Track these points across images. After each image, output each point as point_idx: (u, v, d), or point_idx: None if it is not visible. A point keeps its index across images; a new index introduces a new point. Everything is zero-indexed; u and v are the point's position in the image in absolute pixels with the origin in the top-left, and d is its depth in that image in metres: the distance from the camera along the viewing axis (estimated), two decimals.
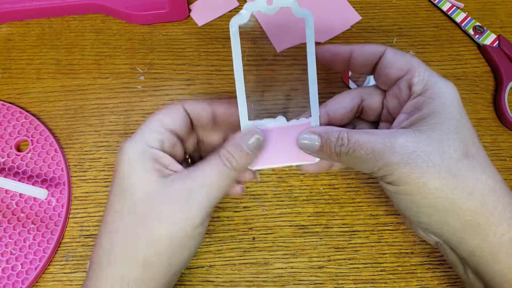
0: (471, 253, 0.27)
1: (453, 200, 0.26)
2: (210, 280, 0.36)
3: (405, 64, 0.29)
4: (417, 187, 0.26)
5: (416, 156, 0.25)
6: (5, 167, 0.38)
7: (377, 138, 0.26)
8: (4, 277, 0.34)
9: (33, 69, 0.43)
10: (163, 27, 0.45)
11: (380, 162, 0.26)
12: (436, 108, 0.27)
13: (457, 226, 0.26)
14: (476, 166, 0.26)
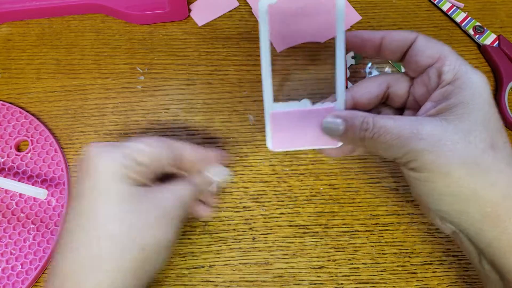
0: (489, 244, 0.27)
1: (475, 190, 0.26)
2: (210, 280, 0.36)
3: (436, 52, 0.28)
4: (440, 175, 0.26)
5: (442, 144, 0.25)
6: (5, 167, 0.38)
7: (403, 124, 0.26)
8: (4, 277, 0.34)
9: (33, 69, 0.43)
10: (163, 27, 0.45)
11: (405, 148, 0.26)
12: (465, 98, 0.26)
13: (477, 217, 0.26)
14: (501, 159, 0.26)
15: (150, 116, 0.41)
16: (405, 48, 0.30)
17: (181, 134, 0.40)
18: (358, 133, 0.27)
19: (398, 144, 0.26)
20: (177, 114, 0.41)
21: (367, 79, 0.31)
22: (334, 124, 0.28)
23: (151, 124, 0.41)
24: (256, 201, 0.38)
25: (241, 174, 0.39)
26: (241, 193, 0.38)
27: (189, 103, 0.41)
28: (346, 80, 0.42)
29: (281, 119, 0.29)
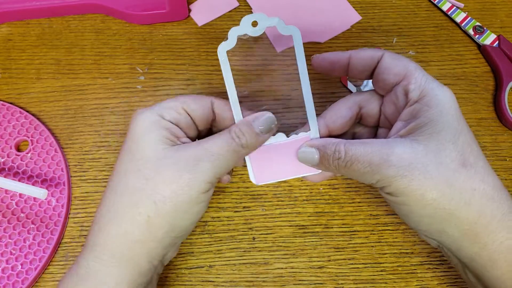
0: (471, 259, 0.27)
1: (450, 210, 0.26)
2: (210, 280, 0.36)
3: (402, 69, 0.28)
4: (414, 199, 0.26)
5: (413, 168, 0.26)
6: (5, 167, 0.38)
7: (373, 150, 0.27)
8: (4, 277, 0.34)
9: (33, 69, 0.43)
10: (163, 27, 0.45)
11: (377, 175, 0.26)
12: (433, 117, 0.27)
13: (456, 235, 0.27)
14: (473, 176, 0.26)
15: None
16: (372, 67, 0.30)
17: None
18: (332, 162, 0.28)
19: (369, 172, 0.27)
20: None
21: (338, 102, 0.32)
22: (309, 153, 0.29)
23: None
24: (256, 201, 0.38)
25: (241, 174, 0.39)
26: (241, 193, 0.38)
27: None
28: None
29: (260, 155, 0.30)
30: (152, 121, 0.28)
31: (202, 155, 0.28)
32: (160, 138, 0.28)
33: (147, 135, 0.28)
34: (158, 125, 0.28)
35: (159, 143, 0.28)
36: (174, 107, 0.29)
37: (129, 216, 0.27)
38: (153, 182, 0.27)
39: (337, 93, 0.42)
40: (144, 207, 0.27)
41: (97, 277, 0.27)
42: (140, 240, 0.27)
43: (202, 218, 0.37)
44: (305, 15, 0.46)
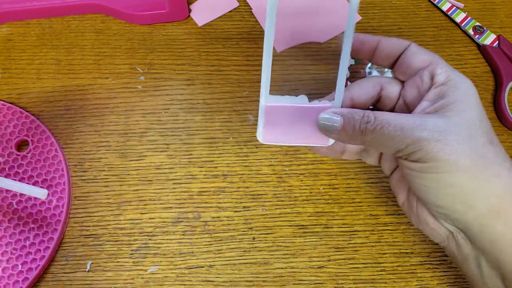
0: (492, 241, 0.26)
1: (482, 180, 0.26)
2: (210, 280, 0.36)
3: (428, 57, 0.29)
4: (447, 164, 0.25)
5: (447, 134, 0.26)
6: (5, 167, 0.38)
7: (405, 118, 0.27)
8: (5, 277, 0.34)
9: (33, 69, 0.43)
10: (163, 27, 0.45)
11: (409, 138, 0.26)
12: (461, 97, 0.27)
13: (482, 210, 0.26)
14: (499, 153, 0.27)
15: (150, 116, 0.41)
16: (399, 53, 0.30)
17: (181, 134, 0.40)
18: (360, 125, 0.27)
19: (401, 135, 0.26)
20: (177, 114, 0.41)
21: (362, 79, 0.31)
22: (331, 120, 0.28)
23: (151, 124, 0.41)
24: (256, 201, 0.38)
25: (241, 174, 0.39)
26: (241, 193, 0.38)
27: (189, 103, 0.41)
28: (346, 81, 0.42)
29: (276, 113, 0.29)
30: None
31: None
32: None
33: None
34: None
35: None
36: None
37: None
38: None
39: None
40: None
41: None
42: None
43: (202, 218, 0.37)
44: (305, 15, 0.46)
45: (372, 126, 0.27)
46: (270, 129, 0.29)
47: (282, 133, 0.29)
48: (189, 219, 0.37)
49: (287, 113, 0.29)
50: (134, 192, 0.38)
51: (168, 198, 0.38)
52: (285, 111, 0.29)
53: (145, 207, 0.38)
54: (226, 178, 0.39)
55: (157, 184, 0.38)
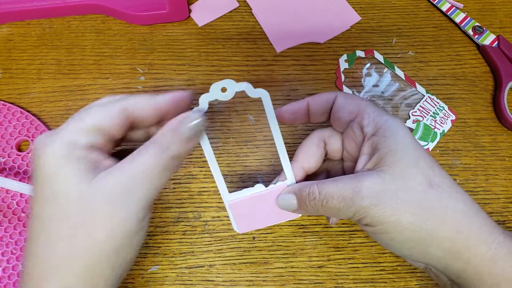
0: (458, 276, 0.27)
1: (428, 231, 0.26)
2: (210, 279, 0.36)
3: (355, 107, 0.30)
4: (391, 225, 0.27)
5: (383, 196, 0.26)
6: (6, 167, 0.38)
7: (344, 185, 0.27)
8: (5, 276, 0.35)
9: (33, 69, 0.43)
10: (163, 27, 0.45)
11: (352, 208, 0.27)
12: (391, 146, 0.28)
13: (439, 254, 0.27)
14: (442, 194, 0.27)
15: None
16: (329, 108, 0.31)
17: None
18: (309, 203, 0.29)
19: (345, 206, 0.27)
20: None
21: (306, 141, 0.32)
22: (287, 200, 0.30)
23: None
24: None
25: (241, 174, 0.39)
26: None
27: None
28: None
29: (241, 206, 0.31)
30: (64, 154, 0.24)
31: (131, 182, 0.24)
32: (78, 172, 0.24)
33: (63, 172, 0.24)
34: (72, 157, 0.24)
35: (79, 179, 0.24)
36: (85, 127, 0.25)
37: (65, 268, 0.24)
38: (84, 228, 0.24)
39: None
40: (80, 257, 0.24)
41: None
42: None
43: (202, 218, 0.38)
44: (305, 15, 0.46)
45: (318, 202, 0.28)
46: (242, 220, 0.32)
47: (255, 221, 0.32)
48: (189, 218, 0.38)
49: (251, 203, 0.31)
50: None
51: (168, 198, 0.38)
52: (248, 202, 0.31)
53: None
54: (226, 178, 0.39)
55: None
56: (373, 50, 0.44)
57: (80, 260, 0.24)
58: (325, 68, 0.43)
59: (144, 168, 0.25)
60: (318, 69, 0.43)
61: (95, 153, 0.25)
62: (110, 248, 0.24)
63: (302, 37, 0.45)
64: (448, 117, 0.42)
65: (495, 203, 0.39)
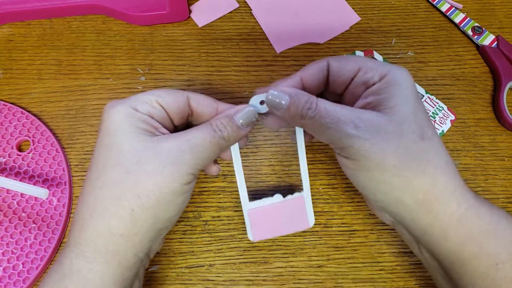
0: (424, 232, 0.28)
1: (407, 178, 0.27)
2: (210, 279, 0.36)
3: (354, 65, 0.30)
4: (375, 163, 0.27)
5: (377, 133, 0.26)
6: (7, 167, 0.38)
7: (343, 111, 0.27)
8: (6, 276, 0.35)
9: (34, 70, 0.43)
10: (163, 28, 0.45)
11: (342, 133, 0.27)
12: (394, 92, 0.28)
13: (411, 205, 0.27)
14: (430, 148, 0.27)
15: None
16: (324, 77, 0.31)
17: None
18: (301, 110, 0.28)
19: (335, 128, 0.27)
20: None
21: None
22: (279, 97, 0.28)
23: None
24: None
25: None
26: None
27: None
28: None
29: (259, 215, 0.33)
30: (126, 114, 0.27)
31: (184, 146, 0.27)
32: (137, 130, 0.27)
33: (124, 128, 0.27)
34: (133, 117, 0.27)
35: (138, 135, 0.27)
36: (147, 100, 0.29)
37: (112, 210, 0.26)
38: (134, 175, 0.26)
39: None
40: (127, 200, 0.26)
41: (81, 274, 0.27)
42: (124, 234, 0.27)
43: (202, 218, 0.38)
44: (305, 16, 0.46)
45: (312, 113, 0.28)
46: (258, 228, 0.33)
47: (269, 229, 0.33)
48: (189, 218, 0.38)
49: (269, 213, 0.33)
50: None
51: None
52: (267, 211, 0.33)
53: None
54: (226, 178, 0.39)
55: None
56: (372, 50, 0.44)
57: (125, 204, 0.26)
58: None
59: (197, 139, 0.28)
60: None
61: (155, 122, 0.28)
62: (155, 199, 0.26)
63: (302, 37, 0.45)
64: (447, 117, 0.42)
65: (494, 203, 0.39)
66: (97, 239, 0.27)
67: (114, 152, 0.27)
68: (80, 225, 0.27)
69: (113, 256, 0.27)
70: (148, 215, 0.27)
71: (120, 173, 0.27)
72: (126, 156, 0.27)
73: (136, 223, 0.27)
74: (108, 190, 0.27)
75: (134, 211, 0.26)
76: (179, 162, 0.27)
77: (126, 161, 0.27)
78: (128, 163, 0.27)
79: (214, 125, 0.29)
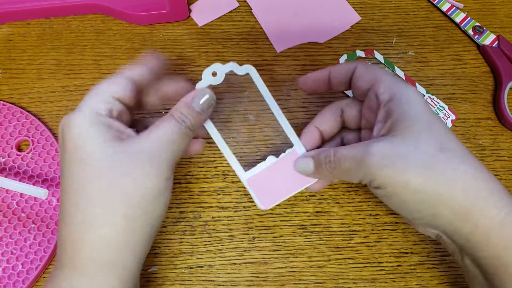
0: (467, 239, 0.28)
1: (437, 193, 0.27)
2: (210, 279, 0.36)
3: (373, 76, 0.31)
4: (401, 187, 0.27)
5: (393, 158, 0.27)
6: (6, 167, 0.38)
7: (356, 148, 0.29)
8: (5, 276, 0.35)
9: (33, 69, 0.43)
10: (163, 27, 0.45)
11: (362, 169, 0.28)
12: (404, 112, 0.28)
13: (449, 216, 0.27)
14: (453, 158, 0.27)
15: (151, 117, 0.41)
16: (349, 78, 0.32)
17: None
18: (324, 166, 0.30)
19: (355, 167, 0.28)
20: None
21: (324, 108, 0.34)
22: (305, 163, 0.32)
23: None
24: None
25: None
26: (241, 193, 0.38)
27: None
28: None
29: (259, 181, 0.33)
30: (90, 122, 0.27)
31: (156, 145, 0.28)
32: (105, 137, 0.27)
33: (91, 139, 0.27)
34: (97, 123, 0.27)
35: (107, 142, 0.27)
36: (103, 99, 0.28)
37: (103, 221, 0.26)
38: (117, 181, 0.26)
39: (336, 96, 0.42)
40: (115, 207, 0.26)
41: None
42: (121, 240, 0.27)
43: (202, 218, 0.38)
44: (305, 15, 0.46)
45: (333, 164, 0.30)
46: (264, 195, 0.33)
47: (275, 193, 0.33)
48: (189, 218, 0.38)
49: (268, 176, 0.33)
50: None
51: None
52: (266, 175, 0.33)
53: None
54: (226, 178, 0.39)
55: None
56: (373, 50, 0.44)
57: (115, 211, 0.26)
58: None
59: (167, 134, 0.28)
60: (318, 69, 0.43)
61: (117, 123, 0.28)
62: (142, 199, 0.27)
63: (302, 37, 0.45)
64: (448, 117, 0.42)
65: None
66: (94, 252, 0.26)
67: (89, 165, 0.27)
68: (71, 244, 0.27)
69: (114, 265, 0.27)
70: (139, 216, 0.27)
71: (101, 184, 0.26)
72: (103, 166, 0.26)
73: (129, 228, 0.27)
74: (94, 203, 0.26)
75: (126, 216, 0.26)
76: (156, 161, 0.27)
77: (104, 170, 0.26)
78: (107, 171, 0.26)
79: (177, 117, 0.29)
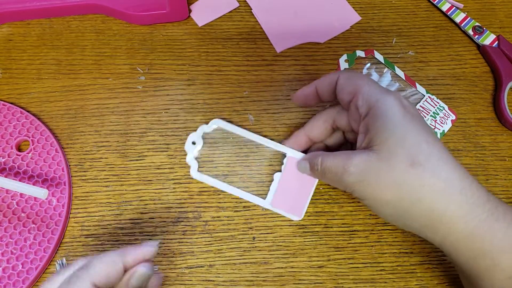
0: (440, 245, 0.30)
1: (404, 208, 0.29)
2: (210, 279, 0.36)
3: (352, 89, 0.32)
4: (374, 201, 0.29)
5: (367, 174, 0.29)
6: (6, 167, 0.38)
7: (338, 162, 0.30)
8: (5, 276, 0.35)
9: (33, 69, 0.43)
10: (163, 27, 0.45)
11: (342, 183, 0.30)
12: (380, 126, 0.29)
13: (419, 228, 0.29)
14: (422, 173, 0.28)
15: (151, 116, 0.41)
16: (333, 90, 0.33)
17: (181, 134, 0.40)
18: (315, 171, 0.33)
19: (338, 180, 0.31)
20: (177, 114, 0.41)
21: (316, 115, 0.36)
22: (303, 165, 0.35)
23: (152, 124, 0.41)
24: None
25: (241, 174, 0.39)
26: None
27: (189, 103, 0.42)
28: None
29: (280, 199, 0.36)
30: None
31: None
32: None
33: None
34: None
35: None
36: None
37: None
38: None
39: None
40: None
41: None
42: None
43: (202, 218, 0.38)
44: (305, 15, 0.46)
45: (321, 172, 0.32)
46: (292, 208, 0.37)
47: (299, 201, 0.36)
48: (189, 218, 0.38)
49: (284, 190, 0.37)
50: (134, 192, 0.38)
51: (168, 198, 0.38)
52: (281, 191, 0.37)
53: (145, 207, 0.38)
54: (226, 178, 0.39)
55: (157, 184, 0.39)
56: (373, 50, 0.44)
57: None
58: (325, 68, 0.43)
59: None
60: (318, 69, 0.43)
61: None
62: None
63: (302, 37, 0.45)
64: (448, 117, 0.42)
65: None
66: None
67: None
68: None
69: None
70: None
71: None
72: None
73: None
74: None
75: None
76: None
77: None
78: None
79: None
